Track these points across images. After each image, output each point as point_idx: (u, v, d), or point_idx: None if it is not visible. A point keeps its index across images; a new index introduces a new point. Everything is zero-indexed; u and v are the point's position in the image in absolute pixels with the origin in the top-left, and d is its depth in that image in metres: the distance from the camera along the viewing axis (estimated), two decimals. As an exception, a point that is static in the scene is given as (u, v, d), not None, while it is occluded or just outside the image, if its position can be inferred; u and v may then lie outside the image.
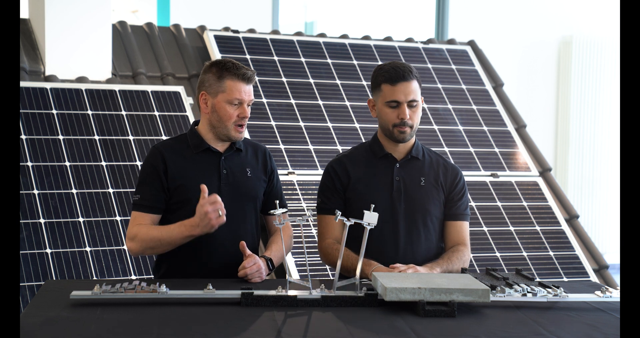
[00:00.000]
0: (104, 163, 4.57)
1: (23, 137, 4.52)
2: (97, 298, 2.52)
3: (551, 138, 8.71)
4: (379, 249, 3.03)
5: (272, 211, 2.71)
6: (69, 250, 4.17)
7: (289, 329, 2.32)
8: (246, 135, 3.11)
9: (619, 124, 7.54)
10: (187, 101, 5.02)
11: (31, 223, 4.20)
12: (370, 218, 2.60)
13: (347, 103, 5.44)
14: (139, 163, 4.61)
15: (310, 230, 4.59)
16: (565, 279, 4.81)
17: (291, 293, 2.57)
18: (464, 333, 2.33)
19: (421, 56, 5.93)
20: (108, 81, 5.14)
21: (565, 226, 5.16)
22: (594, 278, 4.92)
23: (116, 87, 4.96)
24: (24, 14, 5.64)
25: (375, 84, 3.10)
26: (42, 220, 4.24)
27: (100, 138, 4.68)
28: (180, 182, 3.00)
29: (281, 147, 5.02)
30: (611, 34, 8.71)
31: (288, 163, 4.94)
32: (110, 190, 4.47)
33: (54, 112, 4.69)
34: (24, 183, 4.32)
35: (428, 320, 2.44)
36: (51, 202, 4.31)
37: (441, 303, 2.50)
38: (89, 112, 4.77)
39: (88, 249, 4.21)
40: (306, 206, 4.70)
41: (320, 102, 5.39)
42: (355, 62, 5.72)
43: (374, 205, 2.66)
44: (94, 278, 4.09)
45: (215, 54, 5.41)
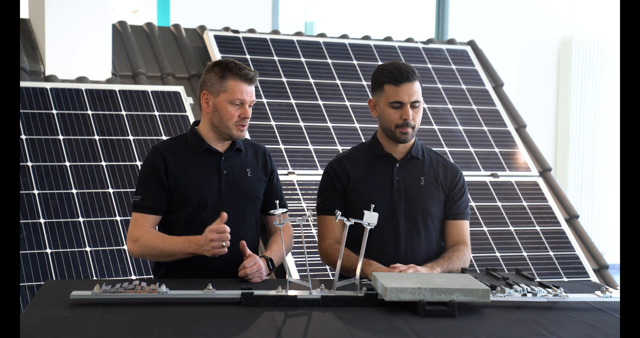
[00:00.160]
0: (104, 163, 4.57)
1: (23, 137, 4.52)
2: (97, 298, 2.52)
3: (551, 138, 8.70)
4: (379, 249, 3.03)
5: (272, 211, 2.71)
6: (69, 250, 4.17)
7: (289, 329, 2.32)
8: (246, 135, 3.11)
9: (619, 124, 7.53)
10: (187, 101, 5.02)
11: (31, 223, 4.20)
12: (370, 218, 2.60)
13: (347, 103, 5.43)
14: (139, 163, 4.61)
15: (310, 230, 4.59)
16: (565, 279, 4.81)
17: (291, 293, 2.57)
18: (464, 333, 2.33)
19: (421, 56, 5.93)
20: (108, 81, 5.14)
21: (565, 226, 5.16)
22: (594, 278, 4.91)
23: (116, 87, 4.96)
24: (24, 14, 5.63)
25: (377, 85, 3.08)
26: (42, 220, 4.24)
27: (100, 138, 4.68)
28: (180, 182, 3.00)
29: (281, 147, 5.02)
30: (611, 34, 8.71)
31: (288, 163, 4.93)
32: (110, 190, 4.47)
33: (54, 112, 4.69)
34: (24, 183, 4.32)
35: (428, 320, 2.44)
36: (51, 202, 4.31)
37: (441, 303, 2.50)
38: (89, 112, 4.77)
39: (88, 249, 4.21)
40: (306, 206, 4.70)
41: (320, 102, 5.38)
42: (355, 62, 5.72)
43: (374, 205, 2.66)
44: (94, 278, 4.09)
45: (215, 54, 5.40)
